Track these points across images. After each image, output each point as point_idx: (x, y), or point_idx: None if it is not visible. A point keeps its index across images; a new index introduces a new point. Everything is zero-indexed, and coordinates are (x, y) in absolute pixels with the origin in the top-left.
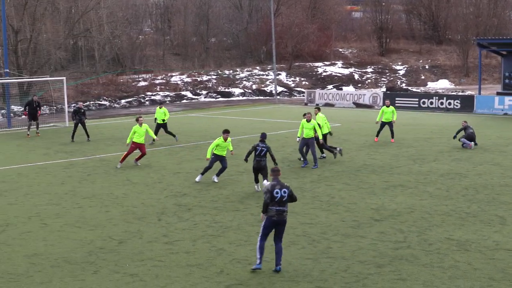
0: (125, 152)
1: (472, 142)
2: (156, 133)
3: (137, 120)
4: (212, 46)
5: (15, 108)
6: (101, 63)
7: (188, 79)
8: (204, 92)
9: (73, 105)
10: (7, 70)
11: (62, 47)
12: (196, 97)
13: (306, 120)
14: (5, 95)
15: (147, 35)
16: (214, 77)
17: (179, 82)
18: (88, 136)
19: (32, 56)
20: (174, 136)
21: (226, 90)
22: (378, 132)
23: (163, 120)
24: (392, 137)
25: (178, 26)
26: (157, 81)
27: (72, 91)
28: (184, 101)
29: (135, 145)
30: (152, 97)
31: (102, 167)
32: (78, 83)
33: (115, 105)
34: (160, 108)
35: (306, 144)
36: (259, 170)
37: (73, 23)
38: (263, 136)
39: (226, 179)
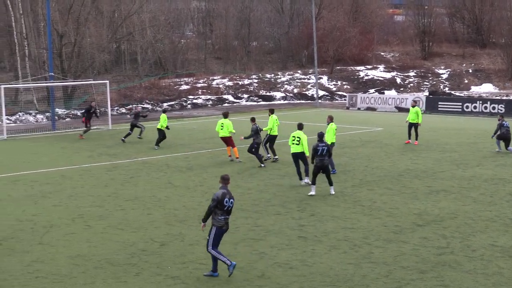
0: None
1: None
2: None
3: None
4: (253, 50)
5: (59, 111)
6: (143, 67)
7: (230, 83)
8: (245, 95)
9: (136, 106)
10: (52, 73)
11: (105, 51)
12: (237, 100)
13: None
14: (50, 98)
15: (189, 39)
16: (256, 80)
17: (220, 86)
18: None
19: (76, 60)
20: (157, 144)
21: (268, 93)
22: (409, 134)
23: (167, 127)
24: (416, 139)
25: (219, 30)
26: (198, 85)
27: (115, 95)
28: (226, 104)
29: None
30: (194, 101)
31: (145, 170)
32: (121, 88)
33: (157, 108)
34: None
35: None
36: (323, 169)
37: (116, 27)
38: (321, 136)
39: (268, 183)
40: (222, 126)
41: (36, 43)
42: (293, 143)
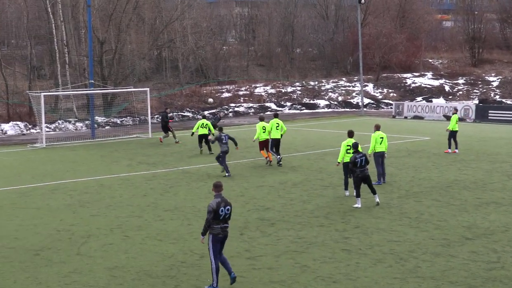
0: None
1: None
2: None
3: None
4: (297, 57)
5: (99, 119)
6: (184, 74)
7: (272, 90)
8: (288, 103)
9: (213, 111)
10: (92, 81)
11: (146, 58)
12: (280, 108)
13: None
14: (90, 106)
15: (231, 45)
16: (299, 88)
17: (263, 93)
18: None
19: (116, 67)
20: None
21: (311, 101)
22: (449, 143)
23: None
24: (456, 147)
25: (262, 37)
26: (240, 92)
27: (156, 102)
28: (268, 112)
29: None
30: (236, 109)
31: (185, 179)
32: (162, 95)
33: (199, 116)
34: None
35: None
36: (364, 179)
37: (157, 33)
38: (356, 146)
39: (311, 193)
40: (264, 129)
41: (77, 50)
42: (348, 152)
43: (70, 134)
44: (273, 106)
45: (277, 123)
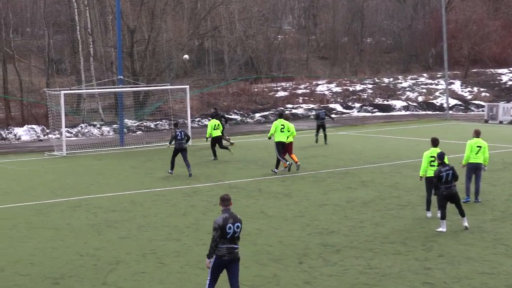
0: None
1: None
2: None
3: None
4: (367, 48)
5: (129, 122)
6: (231, 69)
7: (338, 89)
8: (357, 104)
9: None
10: (121, 76)
11: (185, 49)
12: (347, 110)
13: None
14: (118, 107)
15: (288, 34)
16: (370, 86)
17: (326, 92)
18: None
19: (150, 60)
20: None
21: (385, 102)
22: None
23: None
24: None
25: (325, 24)
26: (299, 91)
27: (196, 102)
28: (332, 115)
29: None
30: (294, 110)
31: (232, 196)
32: (204, 91)
33: (248, 119)
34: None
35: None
36: (450, 198)
37: (199, 20)
38: (441, 157)
39: (385, 214)
40: (282, 129)
41: (103, 40)
42: (432, 165)
43: (95, 140)
44: (338, 107)
45: (282, 125)
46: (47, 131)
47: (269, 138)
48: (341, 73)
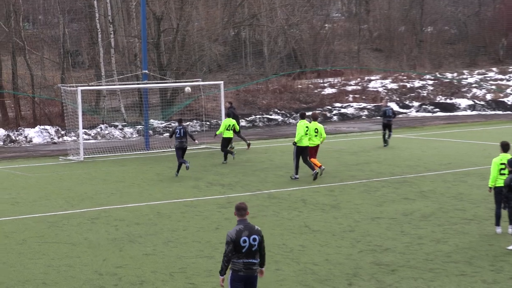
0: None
1: None
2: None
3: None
4: (428, 38)
5: (155, 122)
6: (271, 62)
7: (393, 85)
8: (415, 103)
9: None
10: (146, 71)
11: (219, 40)
12: (404, 110)
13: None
14: (143, 106)
15: (336, 23)
16: (430, 82)
17: (380, 89)
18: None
19: (179, 52)
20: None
21: (447, 101)
22: None
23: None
24: None
25: (379, 10)
26: (349, 87)
27: (232, 100)
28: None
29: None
30: (342, 110)
31: (272, 207)
32: (240, 88)
33: (291, 120)
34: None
35: None
36: None
37: (234, 7)
38: None
39: (447, 229)
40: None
41: (126, 29)
42: (502, 173)
43: (116, 143)
44: (394, 106)
45: (306, 127)
46: (62, 132)
47: (295, 144)
48: (397, 67)
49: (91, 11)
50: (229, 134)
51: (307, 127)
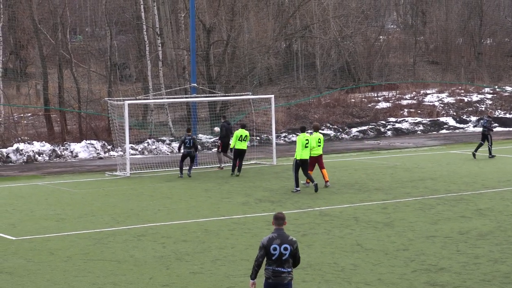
0: None
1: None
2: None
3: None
4: (487, 51)
5: (203, 137)
6: (324, 75)
7: (450, 99)
8: (473, 118)
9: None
10: (195, 84)
11: (270, 53)
12: (461, 125)
13: None
14: (192, 120)
15: (391, 34)
16: (489, 96)
17: (436, 103)
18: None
19: (228, 65)
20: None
21: (507, 115)
22: None
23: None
24: None
25: (436, 22)
26: (404, 101)
27: (282, 115)
28: (444, 131)
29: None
30: (397, 125)
31: (323, 225)
32: (291, 105)
33: (343, 135)
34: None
35: None
36: None
37: (286, 18)
38: None
39: (506, 249)
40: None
41: (174, 41)
42: None
43: (164, 158)
44: (451, 121)
45: (306, 140)
46: (109, 147)
47: (297, 159)
48: (454, 81)
49: (139, 23)
50: (242, 145)
51: (307, 139)
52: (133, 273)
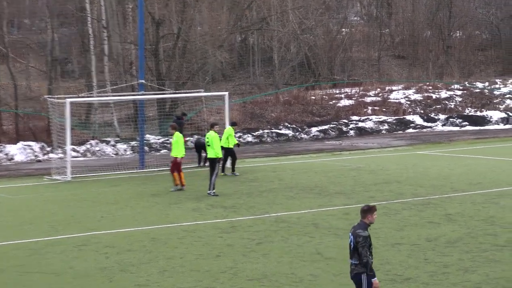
0: None
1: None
2: None
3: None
4: (456, 44)
5: (152, 138)
6: (282, 71)
7: (417, 96)
8: (442, 116)
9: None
10: (143, 81)
11: (224, 47)
12: (429, 124)
13: None
14: (138, 119)
15: (355, 27)
16: (459, 93)
17: (402, 101)
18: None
19: (179, 60)
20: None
21: (478, 113)
22: None
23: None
24: None
25: (403, 13)
26: (368, 99)
27: (237, 113)
28: (410, 130)
29: None
30: (360, 124)
31: (280, 232)
32: (246, 100)
33: (302, 135)
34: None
35: None
36: None
37: (242, 10)
38: None
39: (476, 257)
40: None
41: (121, 35)
42: None
43: (108, 161)
44: (418, 120)
45: (207, 138)
46: (48, 149)
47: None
48: (422, 76)
49: (83, 15)
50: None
51: (207, 138)
52: (73, 287)
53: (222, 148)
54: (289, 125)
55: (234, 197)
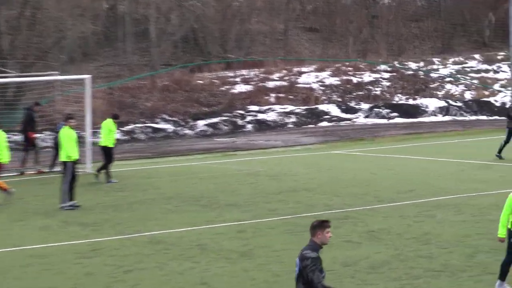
0: None
1: None
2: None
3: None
4: (383, 14)
5: None
6: (161, 48)
7: (334, 80)
8: (364, 105)
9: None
10: None
11: (86, 16)
12: (348, 115)
13: None
14: None
15: None
16: (387, 75)
17: (314, 86)
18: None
19: (26, 35)
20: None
21: (410, 102)
22: None
23: None
24: None
25: None
26: (270, 84)
27: (102, 102)
28: (325, 123)
29: None
30: (260, 115)
31: (154, 257)
32: (114, 86)
33: (186, 130)
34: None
35: None
36: None
37: None
38: None
39: (405, 285)
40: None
41: None
42: None
43: None
44: (334, 110)
45: None
46: None
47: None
48: (340, 55)
49: None
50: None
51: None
52: None
53: (100, 146)
54: (168, 118)
55: (96, 211)
